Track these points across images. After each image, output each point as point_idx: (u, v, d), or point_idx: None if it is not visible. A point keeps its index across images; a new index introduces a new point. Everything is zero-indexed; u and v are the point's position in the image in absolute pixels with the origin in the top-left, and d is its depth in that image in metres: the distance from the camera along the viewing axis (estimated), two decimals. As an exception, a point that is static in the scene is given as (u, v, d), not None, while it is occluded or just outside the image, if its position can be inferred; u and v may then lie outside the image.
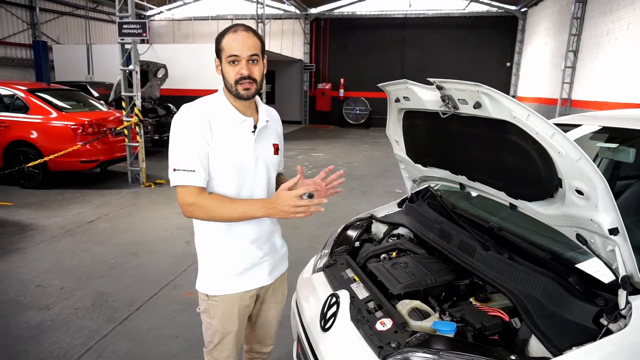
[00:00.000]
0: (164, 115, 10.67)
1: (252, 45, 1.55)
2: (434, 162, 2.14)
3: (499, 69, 16.40)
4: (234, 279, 1.73)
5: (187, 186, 1.56)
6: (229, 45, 1.54)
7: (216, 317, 1.76)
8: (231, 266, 1.72)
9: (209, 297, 1.75)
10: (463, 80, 1.50)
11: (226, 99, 1.64)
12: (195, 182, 1.56)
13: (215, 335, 1.79)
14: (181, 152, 1.56)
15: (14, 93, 7.03)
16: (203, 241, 1.74)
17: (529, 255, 1.71)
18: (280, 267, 1.89)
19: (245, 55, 1.53)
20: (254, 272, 1.76)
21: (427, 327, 1.54)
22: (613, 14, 8.98)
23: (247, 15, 17.32)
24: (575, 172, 1.30)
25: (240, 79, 1.55)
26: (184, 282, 3.85)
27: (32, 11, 14.22)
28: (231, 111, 1.63)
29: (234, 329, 1.78)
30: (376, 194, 7.18)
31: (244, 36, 1.54)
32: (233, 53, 1.53)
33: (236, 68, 1.55)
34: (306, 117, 18.52)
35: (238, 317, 1.77)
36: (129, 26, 7.00)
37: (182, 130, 1.57)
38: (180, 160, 1.55)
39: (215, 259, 1.73)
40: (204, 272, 1.76)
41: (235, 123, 1.63)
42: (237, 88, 1.57)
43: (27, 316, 3.28)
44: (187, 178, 1.55)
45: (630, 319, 1.27)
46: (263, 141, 1.70)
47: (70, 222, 5.43)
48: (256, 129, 1.66)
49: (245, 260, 1.72)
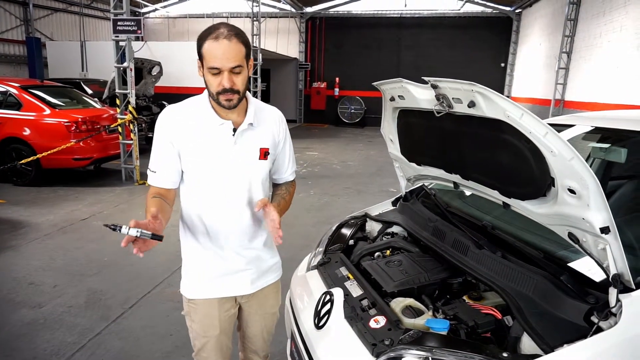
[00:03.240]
0: (158, 113, 10.58)
1: (234, 55, 1.44)
2: (428, 160, 2.15)
3: (494, 69, 16.45)
4: (212, 283, 1.72)
5: (151, 186, 1.65)
6: (211, 54, 1.43)
7: (196, 321, 1.77)
8: (209, 271, 1.71)
9: (189, 301, 1.77)
10: (457, 80, 1.51)
11: (208, 101, 1.59)
12: (155, 182, 1.64)
13: (197, 339, 1.80)
14: (152, 152, 1.64)
15: (6, 90, 6.97)
16: (184, 244, 1.77)
17: (522, 254, 1.73)
18: (267, 278, 1.83)
19: (227, 67, 1.44)
20: (234, 279, 1.73)
21: (421, 325, 1.55)
22: (606, 16, 9.05)
23: (243, 13, 17.25)
24: (568, 172, 1.31)
25: (222, 91, 1.47)
26: (177, 280, 3.79)
27: (26, 7, 14.09)
28: (209, 114, 1.58)
29: (215, 333, 1.77)
30: (370, 192, 7.19)
31: (226, 46, 1.42)
32: (214, 65, 1.44)
33: (217, 79, 1.46)
34: (301, 115, 18.50)
35: (219, 322, 1.76)
36: (123, 23, 6.96)
37: (155, 131, 1.62)
38: (150, 160, 1.64)
39: (195, 262, 1.74)
40: (185, 274, 1.79)
41: (213, 126, 1.58)
42: (219, 99, 1.50)
43: (20, 314, 3.26)
44: (150, 178, 1.65)
45: (621, 317, 1.29)
46: (245, 145, 1.62)
47: (64, 220, 5.40)
48: (235, 132, 1.59)
49: (223, 265, 1.70)
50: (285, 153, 1.79)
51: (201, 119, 1.59)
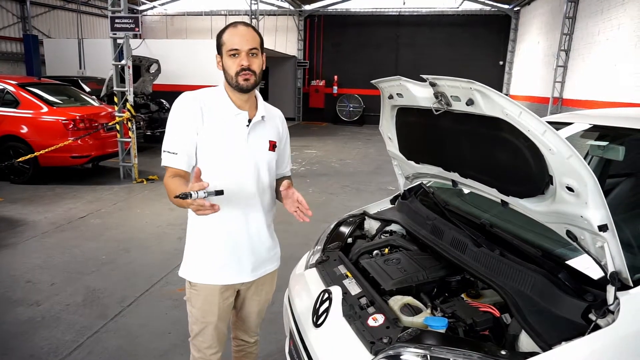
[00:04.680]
0: (156, 111, 10.58)
1: (252, 39, 1.63)
2: (426, 158, 2.15)
3: (492, 67, 16.46)
4: (215, 270, 1.77)
5: (169, 167, 1.66)
6: (230, 39, 1.62)
7: (196, 306, 1.82)
8: (214, 257, 1.77)
9: (191, 285, 1.81)
10: (456, 78, 1.50)
11: (225, 92, 1.71)
12: (175, 164, 1.65)
13: (195, 324, 1.85)
14: (170, 134, 1.67)
15: (4, 87, 6.93)
16: (192, 228, 1.80)
17: (520, 252, 1.73)
18: (267, 266, 1.91)
19: (246, 48, 1.61)
20: (236, 267, 1.80)
21: (419, 323, 1.55)
22: (604, 14, 9.06)
23: (241, 11, 17.23)
24: (566, 169, 1.31)
25: (240, 71, 1.62)
26: (176, 279, 3.83)
27: (23, 4, 14.05)
28: (227, 103, 1.69)
29: (213, 319, 1.82)
30: (369, 190, 7.19)
31: (244, 31, 1.63)
32: (234, 47, 1.61)
33: (237, 60, 1.62)
34: (300, 114, 18.48)
35: (218, 308, 1.81)
36: (121, 21, 6.94)
37: (174, 115, 1.67)
38: (167, 142, 1.66)
39: (202, 246, 1.78)
40: (188, 258, 1.82)
41: (230, 115, 1.69)
42: (238, 79, 1.63)
43: (17, 312, 3.25)
44: (169, 159, 1.65)
45: (618, 315, 1.29)
46: (257, 136, 1.74)
47: (61, 218, 5.39)
48: (250, 122, 1.71)
49: (227, 253, 1.76)
50: (286, 149, 1.94)
51: (218, 108, 1.69)
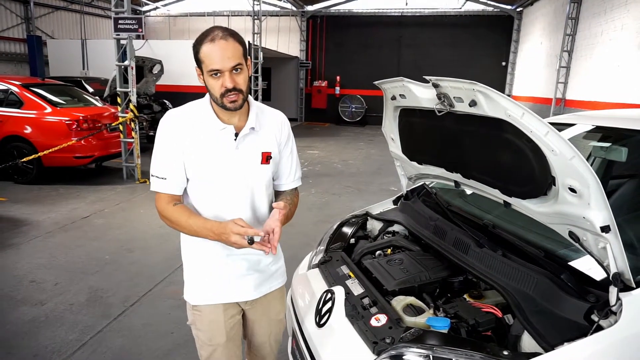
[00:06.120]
0: (159, 112, 10.61)
1: (233, 54, 1.43)
2: (429, 159, 2.15)
3: (495, 68, 16.43)
4: (215, 288, 1.68)
5: (159, 193, 1.60)
6: (209, 58, 1.43)
7: (202, 329, 1.73)
8: (213, 276, 1.68)
9: (193, 308, 1.73)
10: (459, 79, 1.51)
11: (210, 105, 1.57)
12: (165, 189, 1.58)
13: (203, 348, 1.75)
14: (157, 158, 1.58)
15: (8, 88, 6.97)
16: (186, 249, 1.73)
17: (523, 253, 1.73)
18: (271, 284, 1.79)
19: (228, 67, 1.43)
20: (238, 284, 1.70)
21: (422, 323, 1.56)
22: (607, 14, 9.04)
23: (244, 12, 17.24)
24: (569, 171, 1.32)
25: (225, 92, 1.46)
26: (179, 279, 3.83)
27: (27, 5, 14.09)
28: (212, 118, 1.56)
29: (222, 341, 1.72)
30: (371, 191, 7.19)
31: (223, 46, 1.42)
32: (214, 68, 1.43)
33: (219, 81, 1.45)
34: (302, 114, 18.49)
35: (225, 329, 1.71)
36: (124, 22, 6.96)
37: (159, 137, 1.57)
38: (155, 166, 1.58)
39: (198, 267, 1.70)
40: (188, 281, 1.74)
41: (215, 130, 1.56)
42: (223, 101, 1.48)
43: (21, 311, 3.27)
44: (159, 185, 1.58)
45: (621, 316, 1.29)
46: (247, 149, 1.60)
47: (65, 218, 5.41)
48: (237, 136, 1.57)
49: (227, 270, 1.67)
50: (288, 158, 1.74)
51: (203, 124, 1.56)
